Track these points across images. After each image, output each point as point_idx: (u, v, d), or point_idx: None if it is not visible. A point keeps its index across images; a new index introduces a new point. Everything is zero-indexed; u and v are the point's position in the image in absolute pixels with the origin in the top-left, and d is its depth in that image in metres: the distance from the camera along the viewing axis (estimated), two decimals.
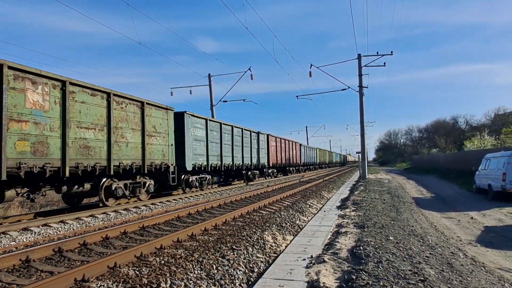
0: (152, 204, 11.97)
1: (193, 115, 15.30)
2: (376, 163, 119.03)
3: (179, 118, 14.43)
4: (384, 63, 23.99)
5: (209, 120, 16.89)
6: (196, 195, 14.78)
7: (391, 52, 23.13)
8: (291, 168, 34.96)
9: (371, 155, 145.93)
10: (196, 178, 15.76)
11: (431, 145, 69.09)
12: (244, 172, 21.74)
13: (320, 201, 13.40)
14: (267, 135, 26.46)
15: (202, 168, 16.02)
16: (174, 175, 13.35)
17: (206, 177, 16.85)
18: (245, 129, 21.36)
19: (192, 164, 14.97)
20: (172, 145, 13.28)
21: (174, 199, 13.41)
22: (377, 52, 23.69)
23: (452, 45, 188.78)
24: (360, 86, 24.69)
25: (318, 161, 51.05)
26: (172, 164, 13.25)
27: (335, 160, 79.17)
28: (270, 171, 27.79)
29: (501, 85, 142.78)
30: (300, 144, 38.56)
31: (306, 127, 70.89)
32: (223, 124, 18.45)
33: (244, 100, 30.93)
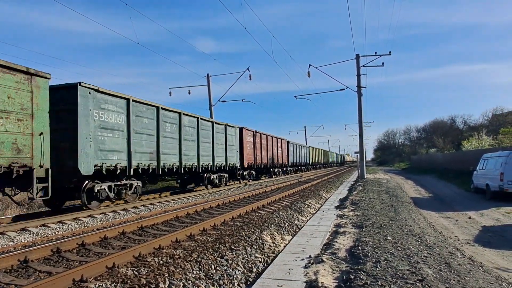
0: (151, 204, 11.95)
1: (97, 90, 10.04)
2: (375, 163, 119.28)
3: (67, 94, 9.54)
4: (383, 63, 24.05)
5: (134, 101, 11.49)
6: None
7: (389, 52, 23.19)
8: (276, 170, 30.38)
9: (369, 155, 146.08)
10: (109, 186, 10.68)
11: (429, 145, 69.27)
12: (205, 175, 16.96)
13: (318, 201, 13.42)
14: (240, 129, 21.71)
15: (119, 170, 10.71)
16: (46, 184, 8.09)
17: (132, 184, 11.66)
18: (202, 119, 16.38)
19: (96, 165, 9.86)
20: (41, 134, 8.14)
21: (173, 199, 13.39)
22: (375, 52, 23.75)
23: (450, 45, 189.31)
24: (359, 86, 24.74)
25: (311, 161, 46.81)
26: (40, 166, 8.03)
27: (331, 160, 74.34)
28: (245, 173, 22.63)
29: (499, 85, 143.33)
30: (288, 142, 34.21)
31: (305, 127, 70.92)
32: (163, 109, 13.17)
33: (242, 100, 30.95)
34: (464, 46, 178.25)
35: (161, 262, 4.97)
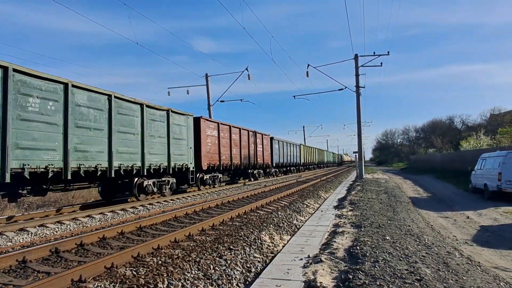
0: (150, 204, 11.94)
1: None
2: (373, 163, 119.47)
3: None
4: (381, 63, 24.08)
5: None
6: None
7: (388, 52, 23.21)
8: (254, 171, 25.06)
9: (368, 155, 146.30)
10: None
11: (427, 145, 69.48)
12: (135, 180, 12.11)
13: (317, 201, 13.43)
14: (196, 119, 16.54)
15: None
16: None
17: None
18: (119, 98, 11.15)
19: None
20: None
21: (171, 199, 13.39)
22: (374, 52, 23.77)
23: (449, 45, 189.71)
24: (357, 86, 24.77)
25: (302, 161, 41.41)
26: None
27: (327, 160, 67.59)
28: (207, 177, 17.64)
29: (497, 85, 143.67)
30: (272, 138, 29.26)
31: (303, 127, 71.10)
32: (19, 72, 8.06)
33: (241, 100, 30.88)
34: (462, 46, 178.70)
35: (160, 262, 4.97)
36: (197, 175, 16.44)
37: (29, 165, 8.12)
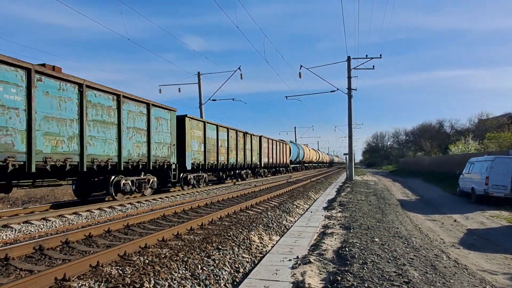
0: (138, 202, 11.81)
1: None
2: (363, 165, 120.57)
3: None
4: (373, 66, 24.30)
5: None
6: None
7: (380, 55, 23.43)
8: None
9: (358, 156, 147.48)
10: None
11: (416, 148, 70.25)
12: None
13: (307, 202, 13.45)
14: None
15: None
16: None
17: None
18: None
19: None
20: None
21: (160, 198, 13.26)
22: (367, 55, 23.94)
23: (438, 50, 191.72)
24: (349, 88, 24.89)
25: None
26: None
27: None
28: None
29: (485, 91, 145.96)
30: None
31: (295, 128, 70.84)
32: None
33: (233, 99, 30.86)
34: (451, 50, 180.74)
35: (147, 261, 4.89)
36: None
37: None
